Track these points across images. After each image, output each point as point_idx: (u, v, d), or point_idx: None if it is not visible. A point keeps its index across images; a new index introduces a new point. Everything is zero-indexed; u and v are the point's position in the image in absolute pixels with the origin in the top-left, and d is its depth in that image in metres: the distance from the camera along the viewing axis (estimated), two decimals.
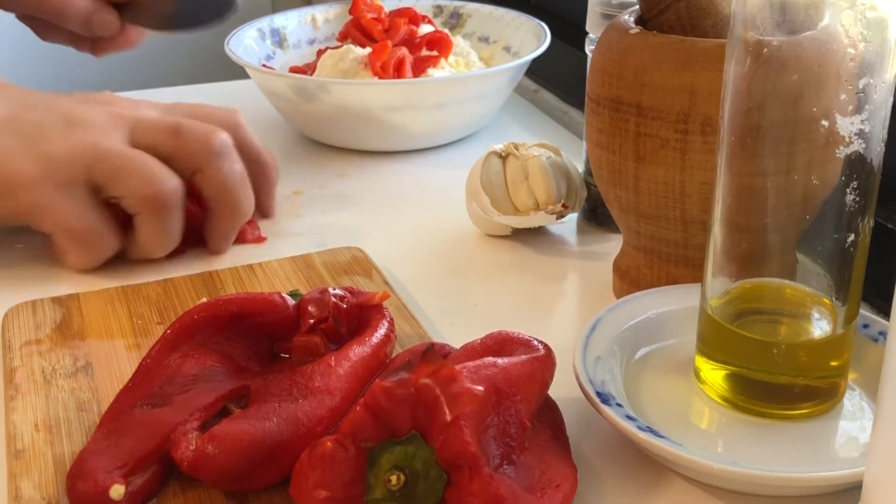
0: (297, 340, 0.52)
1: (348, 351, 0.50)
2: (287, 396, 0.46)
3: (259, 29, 0.96)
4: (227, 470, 0.44)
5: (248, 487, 0.45)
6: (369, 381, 0.49)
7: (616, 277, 0.62)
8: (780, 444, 0.47)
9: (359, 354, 0.50)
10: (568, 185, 0.68)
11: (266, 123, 0.93)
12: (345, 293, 0.53)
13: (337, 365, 0.49)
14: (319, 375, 0.48)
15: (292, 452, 0.43)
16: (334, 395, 0.47)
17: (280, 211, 0.76)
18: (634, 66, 0.54)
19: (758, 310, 0.50)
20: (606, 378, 0.49)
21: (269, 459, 0.44)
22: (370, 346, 0.51)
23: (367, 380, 0.49)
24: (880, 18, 0.42)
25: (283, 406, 0.46)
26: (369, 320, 0.53)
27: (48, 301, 0.60)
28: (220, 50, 0.90)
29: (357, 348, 0.50)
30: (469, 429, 0.40)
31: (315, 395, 0.47)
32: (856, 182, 0.44)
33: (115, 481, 0.44)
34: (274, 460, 0.44)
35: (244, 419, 0.45)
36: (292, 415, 0.45)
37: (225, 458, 0.43)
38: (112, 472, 0.44)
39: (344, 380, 0.48)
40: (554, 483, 0.42)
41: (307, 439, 0.44)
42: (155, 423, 0.46)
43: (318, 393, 0.47)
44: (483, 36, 0.99)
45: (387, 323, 0.53)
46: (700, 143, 0.52)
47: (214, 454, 0.43)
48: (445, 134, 0.87)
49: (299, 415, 0.45)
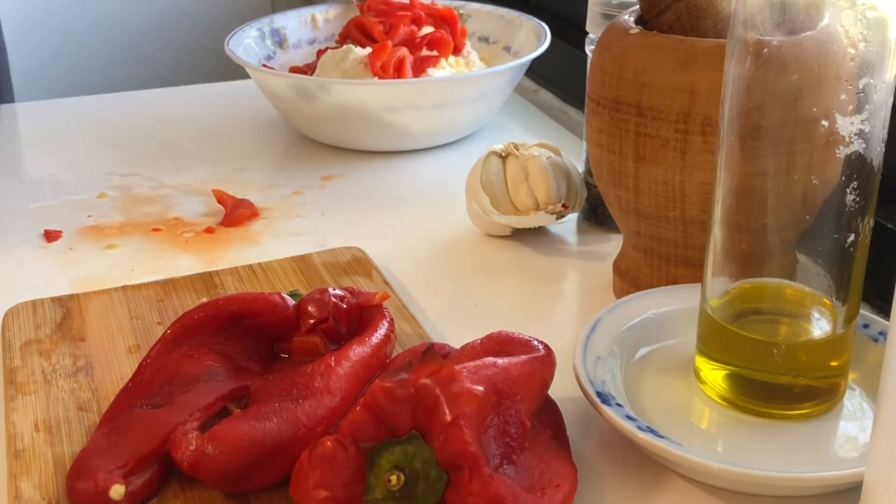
0: (296, 340, 0.52)
1: (348, 351, 0.50)
2: (287, 396, 0.46)
3: (259, 29, 0.96)
4: (227, 470, 0.44)
5: (248, 487, 0.45)
6: (369, 382, 0.49)
7: (616, 277, 0.62)
8: (780, 445, 0.47)
9: (359, 354, 0.50)
10: (568, 185, 0.68)
11: (266, 123, 0.93)
12: (345, 293, 0.53)
13: (337, 365, 0.49)
14: (319, 376, 0.48)
15: (292, 452, 0.43)
16: (334, 396, 0.47)
17: (280, 211, 0.76)
18: (634, 66, 0.54)
19: (758, 310, 0.50)
20: (606, 378, 0.49)
21: (269, 459, 0.44)
22: (370, 346, 0.51)
23: (367, 380, 0.49)
24: (880, 18, 0.42)
25: (283, 406, 0.46)
26: (369, 320, 0.53)
27: (48, 301, 0.60)
28: (220, 50, 0.90)
29: (357, 348, 0.50)
30: (469, 429, 0.40)
31: (315, 396, 0.47)
32: (856, 182, 0.44)
33: (115, 481, 0.44)
34: (274, 460, 0.44)
35: (244, 419, 0.45)
36: (292, 415, 0.45)
37: (225, 459, 0.43)
38: (112, 472, 0.44)
39: (344, 380, 0.48)
40: (554, 483, 0.42)
41: (307, 439, 0.44)
42: (155, 423, 0.46)
43: (318, 393, 0.47)
44: (483, 36, 0.99)
45: (387, 323, 0.53)
46: (700, 143, 0.52)
47: (214, 454, 0.43)
48: (445, 134, 0.87)
49: (299, 415, 0.45)
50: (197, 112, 0.98)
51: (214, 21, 1.71)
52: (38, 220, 0.74)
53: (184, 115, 0.96)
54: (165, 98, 1.00)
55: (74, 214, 0.75)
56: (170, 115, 0.96)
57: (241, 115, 0.96)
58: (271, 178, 0.82)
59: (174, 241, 0.71)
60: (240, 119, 0.95)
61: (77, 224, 0.74)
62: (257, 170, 0.84)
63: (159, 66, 1.67)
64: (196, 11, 1.76)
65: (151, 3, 1.73)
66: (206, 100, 1.02)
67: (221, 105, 1.00)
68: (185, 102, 1.00)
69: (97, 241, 0.71)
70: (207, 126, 0.94)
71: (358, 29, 0.92)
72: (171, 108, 0.97)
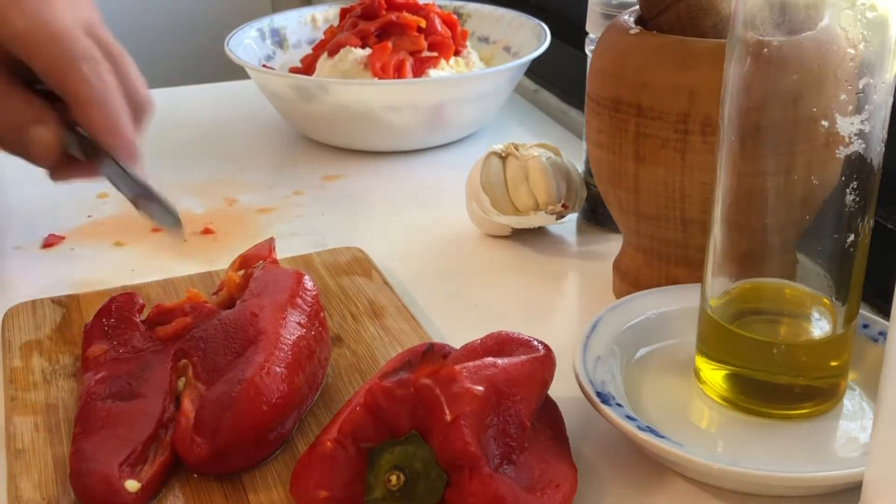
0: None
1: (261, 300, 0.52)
2: (233, 355, 0.49)
3: (259, 29, 0.96)
4: (245, 441, 0.45)
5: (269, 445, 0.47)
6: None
7: (616, 277, 0.62)
8: (780, 445, 0.47)
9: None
10: (568, 185, 0.68)
11: (266, 123, 0.93)
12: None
13: (260, 311, 0.51)
14: (249, 325, 0.50)
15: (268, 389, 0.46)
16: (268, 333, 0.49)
17: (280, 211, 0.76)
18: (634, 66, 0.54)
19: (758, 310, 0.50)
20: (606, 378, 0.49)
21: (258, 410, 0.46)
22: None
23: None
24: (880, 18, 0.42)
25: (237, 365, 0.48)
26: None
27: (48, 301, 0.60)
28: (220, 50, 0.90)
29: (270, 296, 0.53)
30: (469, 429, 0.40)
31: (257, 340, 0.49)
32: (856, 182, 0.44)
33: (126, 476, 0.44)
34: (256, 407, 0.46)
35: (227, 392, 0.46)
36: (249, 364, 0.47)
37: (240, 435, 0.45)
38: (122, 465, 0.44)
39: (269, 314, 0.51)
40: (554, 483, 0.42)
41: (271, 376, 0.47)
42: (140, 412, 0.47)
43: (258, 337, 0.49)
44: (483, 36, 0.99)
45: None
46: (700, 143, 0.52)
47: (230, 443, 0.45)
48: (445, 134, 0.87)
49: (256, 360, 0.47)
50: (197, 112, 0.98)
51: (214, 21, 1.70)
52: (39, 220, 0.74)
53: (184, 115, 0.96)
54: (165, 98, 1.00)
55: (75, 214, 0.75)
56: (170, 115, 0.95)
57: (241, 115, 0.96)
58: (271, 178, 0.82)
59: (174, 240, 0.71)
60: (240, 119, 0.95)
61: (77, 224, 0.74)
62: (257, 170, 0.84)
63: (159, 66, 1.67)
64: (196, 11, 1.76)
65: (151, 4, 1.73)
66: (206, 100, 1.02)
67: (221, 105, 1.00)
68: (185, 102, 1.00)
69: (97, 242, 0.71)
70: (207, 126, 0.94)
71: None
72: (171, 108, 0.97)
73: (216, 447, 0.45)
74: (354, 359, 0.55)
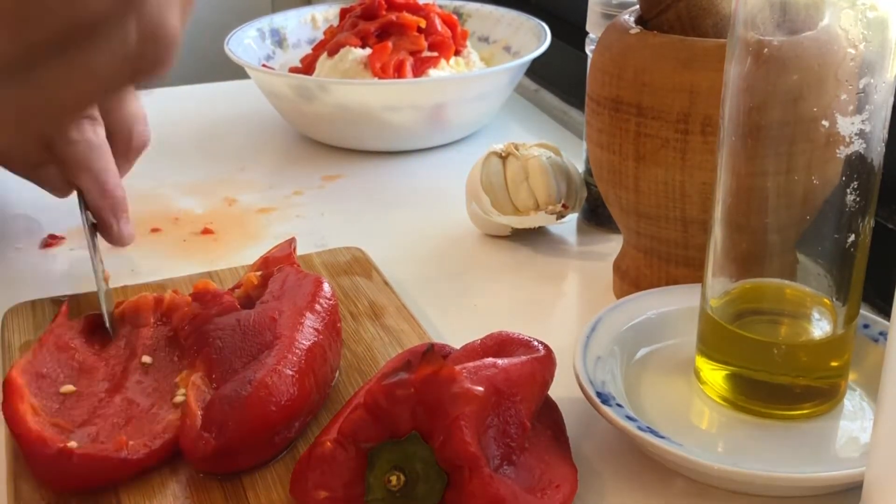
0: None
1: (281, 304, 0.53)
2: (248, 357, 0.49)
3: (259, 29, 0.96)
4: (258, 440, 0.46)
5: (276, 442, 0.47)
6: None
7: (616, 277, 0.62)
8: (781, 445, 0.47)
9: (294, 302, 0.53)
10: (568, 185, 0.68)
11: (266, 123, 0.93)
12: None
13: (280, 315, 0.51)
14: (267, 329, 0.50)
15: (280, 392, 0.46)
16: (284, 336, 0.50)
17: (280, 211, 0.76)
18: (634, 66, 0.54)
19: (758, 310, 0.50)
20: (606, 378, 0.49)
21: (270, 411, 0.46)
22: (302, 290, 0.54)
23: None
24: (880, 18, 0.42)
25: (250, 367, 0.48)
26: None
27: (48, 301, 0.60)
28: (220, 50, 0.90)
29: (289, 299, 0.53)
30: (469, 429, 0.40)
31: (273, 345, 0.49)
32: (856, 182, 0.44)
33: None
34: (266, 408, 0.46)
35: (239, 392, 0.46)
36: (262, 366, 0.48)
37: (254, 431, 0.46)
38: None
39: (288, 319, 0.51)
40: (554, 483, 0.42)
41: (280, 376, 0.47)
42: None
43: (274, 341, 0.49)
44: (483, 36, 0.99)
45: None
46: (700, 143, 0.52)
47: (237, 442, 0.45)
48: (445, 134, 0.87)
49: (269, 362, 0.48)
50: (197, 112, 0.98)
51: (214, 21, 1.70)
52: (39, 220, 0.74)
53: (184, 115, 0.96)
54: (165, 98, 1.00)
55: (75, 214, 0.75)
56: (170, 115, 0.95)
57: (241, 115, 0.96)
58: (271, 178, 0.82)
59: (174, 240, 0.71)
60: (240, 119, 0.95)
61: (77, 224, 0.74)
62: (257, 170, 0.84)
63: None
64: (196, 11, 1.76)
65: None
66: (206, 100, 1.02)
67: (221, 105, 1.00)
68: (185, 102, 1.00)
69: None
70: (207, 126, 0.94)
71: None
72: (171, 108, 0.97)
73: (222, 444, 0.45)
74: (354, 359, 0.55)
